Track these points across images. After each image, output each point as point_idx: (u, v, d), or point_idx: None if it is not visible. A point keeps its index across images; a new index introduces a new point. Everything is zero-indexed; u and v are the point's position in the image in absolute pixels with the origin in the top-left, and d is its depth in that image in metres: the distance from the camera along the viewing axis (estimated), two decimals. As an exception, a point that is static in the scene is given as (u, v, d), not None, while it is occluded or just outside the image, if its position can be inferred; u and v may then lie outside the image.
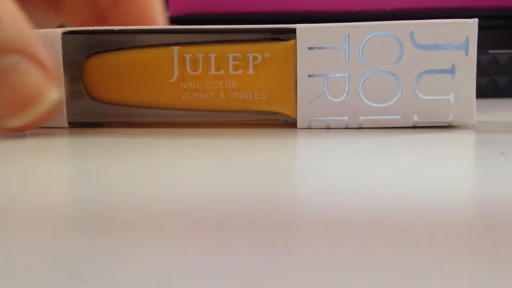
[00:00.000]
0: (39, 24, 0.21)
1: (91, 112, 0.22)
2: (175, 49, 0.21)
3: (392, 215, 0.10)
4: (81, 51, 0.22)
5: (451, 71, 0.20)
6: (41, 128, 0.21)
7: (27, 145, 0.18)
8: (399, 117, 0.20)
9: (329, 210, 0.10)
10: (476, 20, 0.20)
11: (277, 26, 0.21)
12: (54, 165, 0.16)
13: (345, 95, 0.20)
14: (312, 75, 0.20)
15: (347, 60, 0.20)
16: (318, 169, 0.14)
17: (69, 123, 0.22)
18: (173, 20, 0.38)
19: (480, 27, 0.20)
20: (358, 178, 0.13)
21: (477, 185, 0.13)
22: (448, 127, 0.21)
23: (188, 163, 0.15)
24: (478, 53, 0.20)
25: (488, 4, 0.38)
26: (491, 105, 0.31)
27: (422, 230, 0.09)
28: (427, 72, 0.20)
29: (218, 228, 0.09)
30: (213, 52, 0.21)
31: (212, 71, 0.21)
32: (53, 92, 0.19)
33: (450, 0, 0.37)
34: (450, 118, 0.20)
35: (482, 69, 0.36)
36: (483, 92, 0.37)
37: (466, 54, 0.20)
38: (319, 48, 0.20)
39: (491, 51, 0.36)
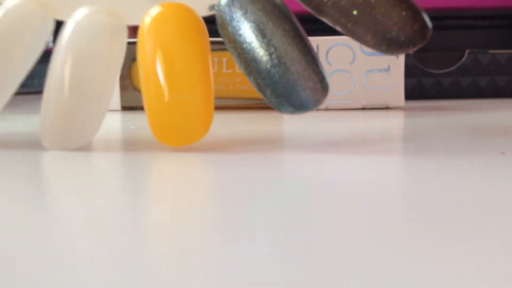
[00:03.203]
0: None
1: (136, 99, 0.31)
2: (198, 54, 0.30)
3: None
4: (129, 58, 0.31)
5: (387, 70, 0.30)
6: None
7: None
8: (353, 101, 0.30)
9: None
10: (403, 35, 0.30)
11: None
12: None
13: (316, 87, 0.30)
14: (293, 72, 0.30)
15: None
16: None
17: (122, 107, 0.31)
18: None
19: (480, 27, 0.24)
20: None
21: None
22: (386, 108, 0.30)
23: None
24: (478, 53, 0.27)
25: (488, 4, 0.37)
26: (491, 105, 0.32)
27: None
28: (371, 70, 0.30)
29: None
30: (224, 56, 0.30)
31: (224, 70, 0.30)
32: None
33: (450, 0, 0.37)
34: (387, 102, 0.30)
35: (482, 69, 0.36)
36: (483, 92, 0.36)
37: (397, 57, 0.30)
38: (298, 54, 0.29)
39: (491, 51, 0.35)
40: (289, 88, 0.16)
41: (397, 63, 0.30)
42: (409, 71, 0.36)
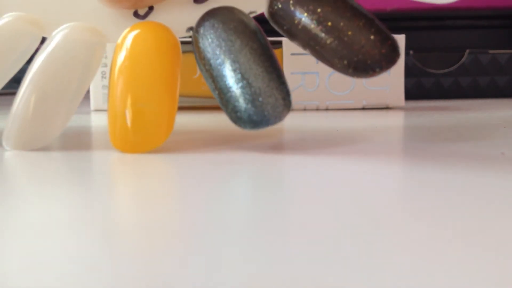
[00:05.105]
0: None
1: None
2: (198, 54, 0.30)
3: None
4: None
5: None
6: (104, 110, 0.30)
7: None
8: (353, 101, 0.30)
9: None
10: (403, 36, 0.30)
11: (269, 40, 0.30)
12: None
13: (316, 87, 0.30)
14: (293, 72, 0.30)
15: (317, 62, 0.29)
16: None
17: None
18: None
19: (480, 27, 0.25)
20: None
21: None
22: (386, 108, 0.30)
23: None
24: (478, 53, 0.28)
25: (488, 4, 0.37)
26: (491, 105, 0.32)
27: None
28: (371, 70, 0.30)
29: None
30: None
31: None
32: None
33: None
34: (387, 102, 0.30)
35: (482, 69, 0.36)
36: (483, 92, 0.36)
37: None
38: (298, 54, 0.29)
39: (491, 51, 0.35)
40: (250, 103, 0.17)
41: (397, 63, 0.30)
42: (409, 71, 0.36)
